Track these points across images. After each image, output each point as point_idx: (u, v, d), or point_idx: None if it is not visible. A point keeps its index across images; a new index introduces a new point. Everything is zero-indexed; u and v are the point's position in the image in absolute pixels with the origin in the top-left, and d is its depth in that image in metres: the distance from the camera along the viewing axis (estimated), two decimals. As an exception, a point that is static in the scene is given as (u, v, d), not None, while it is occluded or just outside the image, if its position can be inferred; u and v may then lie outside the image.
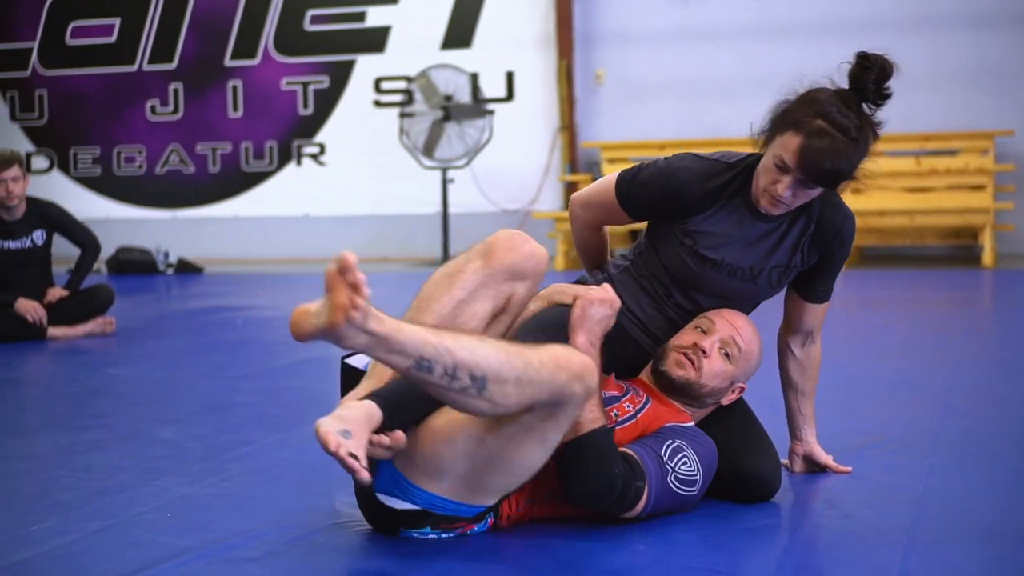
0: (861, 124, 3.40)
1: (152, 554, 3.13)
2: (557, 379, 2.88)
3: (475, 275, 3.30)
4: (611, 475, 3.16)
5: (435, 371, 2.78)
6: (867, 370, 5.94)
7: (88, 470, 4.09)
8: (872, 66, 3.43)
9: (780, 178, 3.42)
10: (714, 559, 3.08)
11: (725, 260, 3.59)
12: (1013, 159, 12.59)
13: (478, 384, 2.81)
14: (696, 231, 3.60)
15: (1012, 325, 7.99)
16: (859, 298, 9.67)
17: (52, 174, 15.40)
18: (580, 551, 3.13)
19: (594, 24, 13.84)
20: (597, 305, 3.35)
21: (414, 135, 13.26)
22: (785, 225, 3.60)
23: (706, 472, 3.37)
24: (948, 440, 4.34)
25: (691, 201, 3.58)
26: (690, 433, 3.43)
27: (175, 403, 5.42)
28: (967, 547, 3.12)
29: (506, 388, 2.83)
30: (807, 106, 3.40)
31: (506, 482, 3.12)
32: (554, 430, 3.00)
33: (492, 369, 2.81)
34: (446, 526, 3.18)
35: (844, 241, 3.66)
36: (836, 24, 12.82)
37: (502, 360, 2.83)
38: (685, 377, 3.50)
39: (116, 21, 15.22)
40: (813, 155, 3.34)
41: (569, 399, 2.93)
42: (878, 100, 3.47)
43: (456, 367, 2.78)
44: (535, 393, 2.87)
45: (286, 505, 3.58)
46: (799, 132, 3.36)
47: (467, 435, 3.04)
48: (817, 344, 3.84)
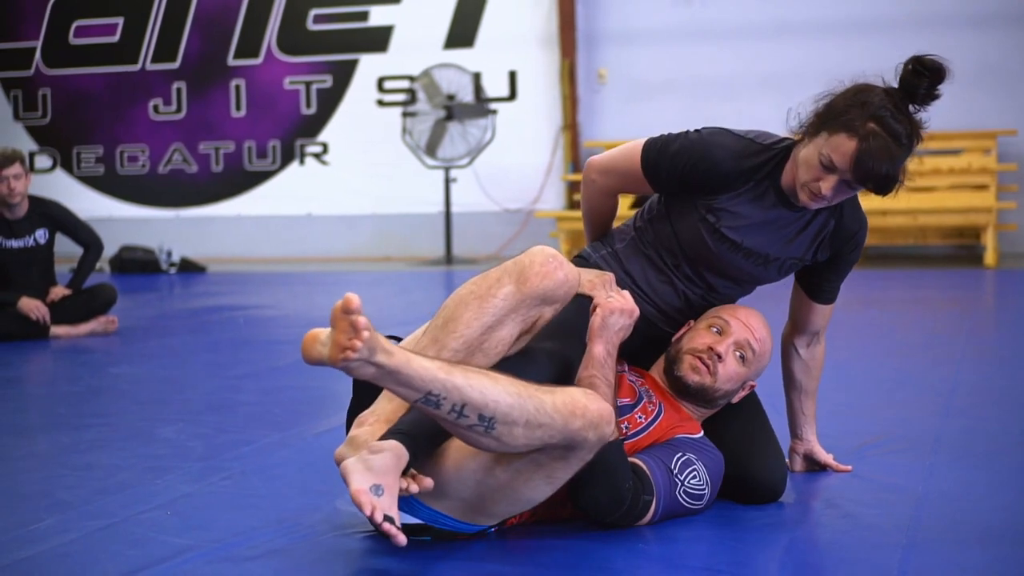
0: (911, 131, 3.35)
1: (152, 553, 3.14)
2: (570, 425, 2.87)
3: (506, 300, 3.25)
4: (620, 490, 3.16)
5: (443, 407, 2.79)
6: (869, 369, 5.95)
7: (89, 469, 4.09)
8: (926, 72, 3.38)
9: (824, 176, 3.37)
10: (714, 558, 3.09)
11: (744, 243, 3.56)
12: (1016, 159, 12.60)
13: (486, 423, 2.81)
14: (721, 209, 3.55)
15: (1014, 325, 7.98)
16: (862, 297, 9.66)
17: (55, 173, 15.42)
18: (580, 551, 3.13)
19: (597, 23, 13.85)
20: (617, 315, 3.35)
21: (417, 134, 13.27)
22: (807, 218, 3.58)
23: (714, 485, 3.38)
24: (949, 440, 4.34)
25: (723, 179, 3.52)
26: (700, 445, 3.42)
27: (177, 402, 5.42)
28: (967, 547, 3.11)
29: (515, 430, 2.83)
30: (859, 107, 3.34)
31: (509, 510, 3.12)
32: (563, 470, 2.98)
33: (502, 412, 2.81)
34: (447, 538, 3.17)
35: (857, 244, 3.66)
36: (839, 23, 12.82)
37: (512, 404, 2.82)
38: (700, 383, 3.49)
39: (119, 20, 15.23)
40: (869, 161, 3.29)
41: (581, 444, 2.91)
42: (926, 103, 3.42)
43: (464, 405, 2.79)
44: (545, 436, 2.86)
45: (287, 504, 3.58)
46: (853, 135, 3.31)
47: (477, 464, 3.03)
48: (822, 344, 3.85)
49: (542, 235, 13.76)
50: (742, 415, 3.63)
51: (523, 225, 13.92)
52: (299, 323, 3.61)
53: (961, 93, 12.62)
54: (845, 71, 10.25)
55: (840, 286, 3.78)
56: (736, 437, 3.56)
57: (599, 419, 2.90)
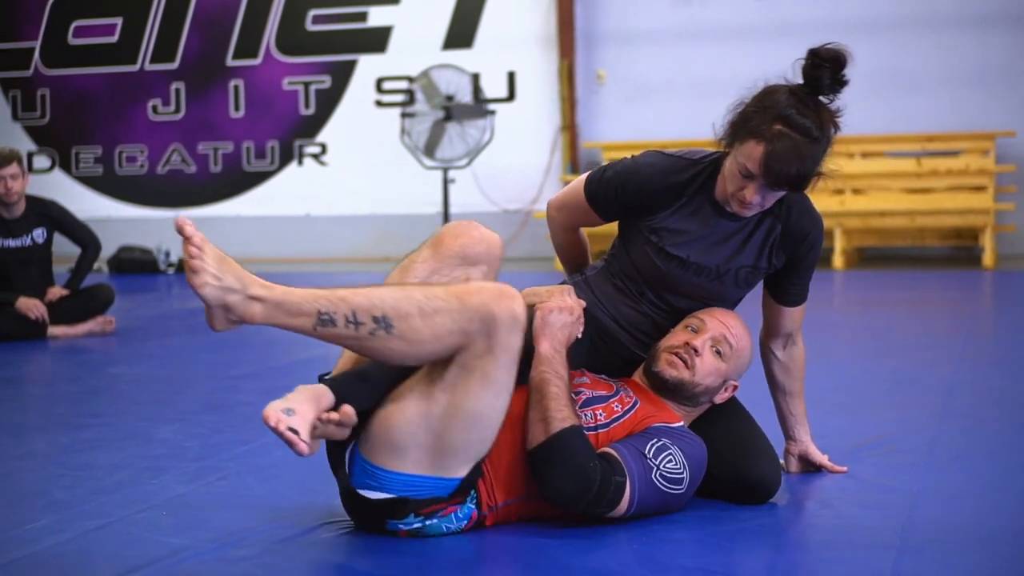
0: (821, 121, 3.39)
1: (148, 552, 3.15)
2: (468, 303, 2.97)
3: (425, 263, 3.34)
4: (585, 470, 3.16)
5: (338, 322, 2.95)
6: (866, 370, 5.95)
7: (86, 469, 4.10)
8: (825, 62, 3.41)
9: (746, 184, 3.43)
10: (707, 559, 3.09)
11: (691, 258, 3.59)
12: (1014, 160, 12.59)
13: (383, 324, 2.95)
14: (661, 228, 3.61)
15: (1012, 326, 7.99)
16: (859, 299, 9.68)
17: (54, 173, 15.42)
18: (573, 551, 3.14)
19: (596, 24, 13.85)
20: (556, 312, 3.43)
21: (415, 135, 13.27)
22: (751, 225, 3.60)
23: (694, 470, 3.36)
24: (945, 441, 4.35)
25: (654, 197, 3.60)
26: (677, 432, 3.42)
27: (174, 402, 5.43)
28: (961, 548, 3.12)
29: (412, 322, 2.96)
30: (765, 111, 3.39)
31: (466, 436, 3.12)
32: (495, 367, 3.03)
33: (390, 306, 2.96)
34: (427, 511, 3.18)
35: (812, 245, 3.66)
36: (838, 23, 12.82)
37: (398, 297, 2.98)
38: (678, 377, 3.50)
39: (118, 21, 15.23)
40: (778, 162, 3.34)
41: (495, 325, 2.99)
42: (836, 90, 3.45)
43: (355, 312, 2.95)
44: (449, 323, 2.97)
45: (282, 504, 3.59)
46: (760, 140, 3.36)
47: (416, 397, 3.10)
48: (799, 345, 3.84)
49: (540, 236, 13.75)
50: (729, 416, 3.64)
51: (522, 226, 13.93)
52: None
53: (959, 94, 12.75)
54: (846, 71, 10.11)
55: (805, 288, 3.77)
56: (725, 437, 3.57)
57: (499, 291, 3.01)
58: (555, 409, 3.23)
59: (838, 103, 3.47)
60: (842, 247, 12.16)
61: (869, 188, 12.64)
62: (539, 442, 3.21)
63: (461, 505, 3.22)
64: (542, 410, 3.25)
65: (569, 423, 3.21)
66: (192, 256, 2.95)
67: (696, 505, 3.50)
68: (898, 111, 12.89)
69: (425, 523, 3.20)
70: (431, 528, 3.21)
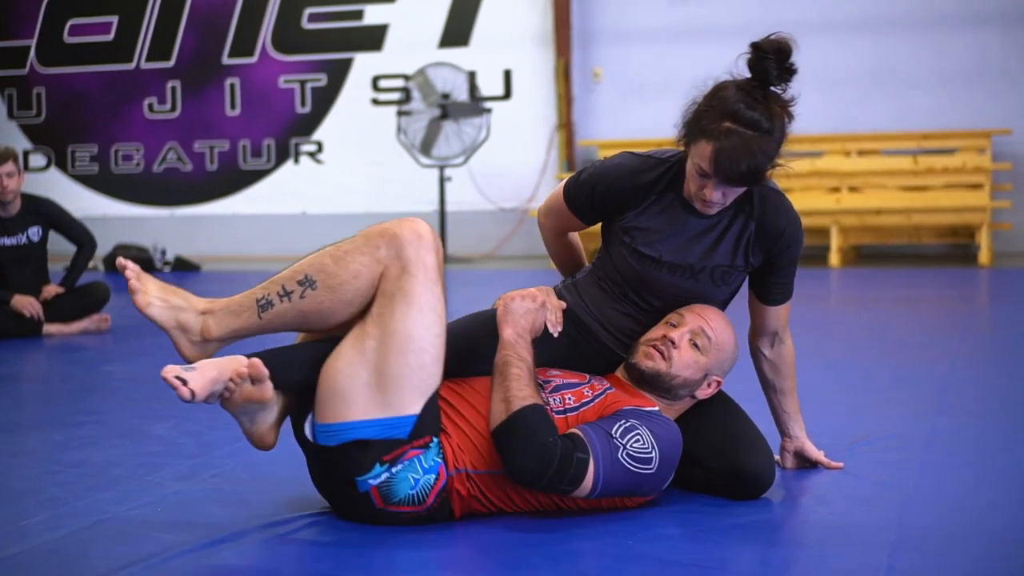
0: (770, 112, 3.38)
1: (141, 549, 3.14)
2: (371, 233, 3.26)
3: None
4: (544, 445, 3.18)
5: (274, 301, 3.27)
6: (863, 368, 5.96)
7: (81, 466, 4.10)
8: (768, 53, 3.40)
9: (704, 183, 3.43)
10: (701, 554, 3.08)
11: (663, 257, 3.59)
12: (1010, 158, 12.61)
13: (307, 283, 3.24)
14: (632, 227, 3.62)
15: (1008, 324, 8.00)
16: (856, 297, 9.68)
17: (50, 172, 15.42)
18: (565, 545, 3.14)
19: (592, 22, 13.86)
20: (519, 300, 3.51)
21: (411, 133, 13.27)
22: (724, 224, 3.60)
23: (665, 451, 3.34)
24: (941, 438, 4.35)
25: (623, 197, 3.62)
26: (648, 415, 3.42)
27: (169, 400, 5.33)
28: (955, 545, 3.12)
29: (328, 270, 3.24)
30: (713, 109, 3.39)
31: (404, 361, 3.20)
32: (412, 284, 3.21)
33: (307, 265, 3.26)
34: (391, 456, 3.21)
35: (789, 243, 3.63)
36: (834, 22, 12.84)
37: (312, 258, 3.28)
38: (654, 368, 3.50)
39: (114, 19, 15.24)
40: (727, 159, 3.33)
41: (400, 243, 3.23)
42: (785, 79, 3.44)
43: (283, 285, 3.27)
44: (360, 257, 3.24)
45: (277, 501, 3.59)
46: (709, 139, 3.36)
47: (349, 340, 3.26)
48: (787, 343, 3.83)
49: (536, 234, 13.72)
50: (722, 411, 3.64)
51: (518, 224, 13.93)
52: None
53: (956, 92, 12.75)
54: (842, 70, 10.41)
55: (789, 286, 3.75)
56: (719, 432, 3.57)
57: (397, 221, 3.27)
58: (516, 388, 3.28)
59: (791, 92, 3.46)
60: (838, 245, 12.17)
61: (865, 186, 12.65)
62: (500, 420, 3.25)
63: (425, 451, 3.24)
64: (503, 390, 3.29)
65: (529, 401, 3.25)
66: (129, 278, 3.35)
67: (690, 500, 3.50)
68: (894, 109, 12.90)
69: (392, 471, 3.21)
70: (399, 480, 3.22)
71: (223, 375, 3.20)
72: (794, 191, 12.22)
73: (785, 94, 3.45)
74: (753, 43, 3.44)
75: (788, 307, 3.80)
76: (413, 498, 3.25)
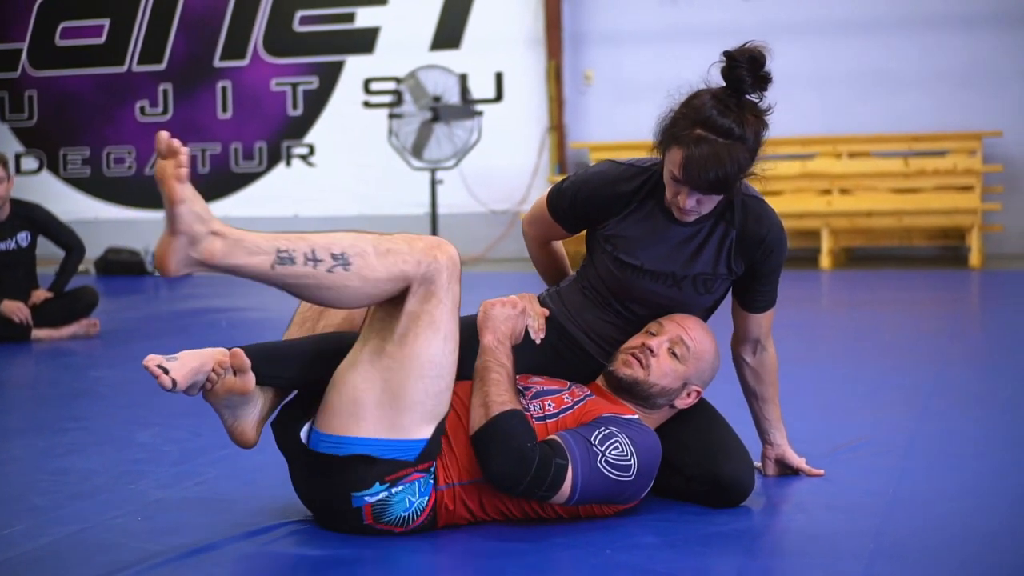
0: (743, 120, 3.39)
1: (122, 558, 3.15)
2: (416, 245, 3.14)
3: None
4: (521, 450, 3.20)
5: (296, 259, 3.04)
6: (850, 372, 5.96)
7: (64, 473, 4.10)
8: (741, 62, 3.42)
9: (679, 190, 3.45)
10: (680, 563, 3.09)
11: (645, 265, 3.61)
12: (1001, 160, 12.62)
13: (341, 261, 3.06)
14: (613, 235, 3.64)
15: (998, 327, 8.01)
16: (846, 299, 9.69)
17: (41, 175, 15.41)
18: (544, 555, 3.15)
19: (583, 24, 13.86)
20: (499, 307, 3.53)
21: (403, 136, 13.27)
22: (705, 231, 3.61)
23: (643, 458, 3.35)
24: (923, 443, 4.35)
25: (603, 204, 3.64)
26: (627, 422, 3.43)
27: (155, 406, 5.41)
28: (933, 552, 3.13)
29: (368, 260, 3.09)
30: (686, 117, 3.41)
31: (422, 387, 3.17)
32: (440, 312, 3.16)
33: (348, 244, 3.09)
34: (393, 477, 3.20)
35: (771, 250, 3.64)
36: (825, 24, 12.85)
37: (354, 237, 3.12)
38: (632, 376, 3.51)
39: (105, 22, 15.23)
40: (696, 167, 3.35)
41: (438, 271, 3.15)
42: (760, 88, 3.45)
43: (315, 250, 3.06)
44: (400, 262, 3.11)
45: (259, 510, 3.58)
46: (681, 146, 3.38)
47: (367, 355, 3.20)
48: (769, 351, 3.83)
49: (528, 236, 13.76)
50: (702, 419, 3.64)
51: (509, 226, 13.93)
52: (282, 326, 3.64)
53: (947, 94, 12.77)
54: (832, 72, 10.42)
55: (771, 294, 3.75)
56: (699, 439, 3.58)
57: (438, 241, 3.18)
58: (495, 394, 3.29)
59: (768, 101, 3.48)
60: (829, 247, 12.17)
61: (856, 188, 12.65)
62: (479, 426, 3.26)
63: (425, 475, 3.24)
64: (483, 396, 3.31)
65: (508, 407, 3.27)
66: (181, 165, 2.98)
67: (669, 509, 3.51)
68: (885, 111, 12.91)
69: (391, 491, 3.21)
70: (396, 501, 3.21)
71: (205, 365, 3.19)
72: (785, 193, 12.23)
73: (762, 103, 3.46)
74: (725, 52, 3.45)
75: (771, 315, 3.80)
76: (404, 519, 3.25)
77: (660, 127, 3.50)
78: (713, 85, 3.47)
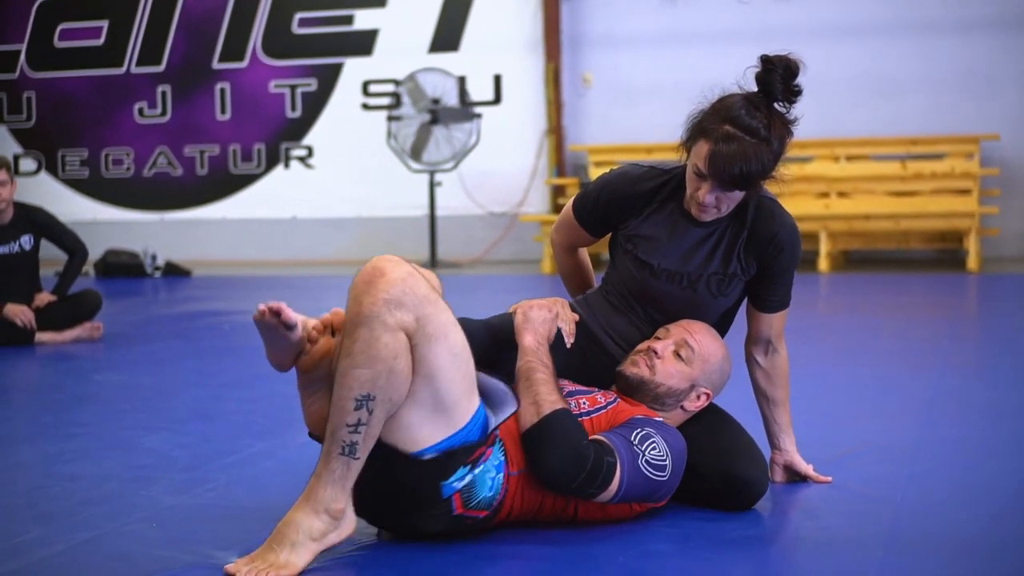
0: (770, 123, 3.48)
1: (138, 565, 3.16)
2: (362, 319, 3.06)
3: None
4: (578, 447, 3.24)
5: (357, 441, 3.07)
6: (851, 377, 5.98)
7: (74, 480, 4.11)
8: (776, 67, 3.51)
9: (700, 185, 3.53)
10: (691, 570, 3.11)
11: (661, 265, 3.69)
12: (998, 163, 12.65)
13: (367, 403, 3.05)
14: (634, 235, 3.73)
15: (996, 330, 8.03)
16: (844, 303, 9.71)
17: (40, 176, 15.41)
18: (557, 563, 3.16)
19: (582, 27, 13.88)
20: (536, 309, 3.61)
21: (402, 138, 13.29)
22: (719, 232, 3.68)
23: (676, 460, 3.41)
24: (929, 449, 4.37)
25: (625, 204, 3.73)
26: (658, 424, 3.49)
27: (161, 410, 5.44)
28: (943, 558, 3.15)
29: (364, 376, 3.04)
30: (715, 113, 3.50)
31: (456, 379, 3.16)
32: (428, 322, 3.09)
33: (345, 391, 3.06)
34: (471, 459, 3.20)
35: (782, 248, 3.70)
36: (823, 28, 12.87)
37: (340, 382, 3.08)
38: (639, 375, 3.59)
39: (104, 23, 15.23)
40: (722, 160, 3.44)
41: (403, 318, 3.05)
42: (789, 98, 3.55)
43: (345, 424, 3.07)
44: (378, 343, 3.03)
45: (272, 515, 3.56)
46: (708, 139, 3.47)
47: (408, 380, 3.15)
48: (781, 353, 3.87)
49: (526, 239, 13.79)
50: (718, 422, 3.69)
51: (508, 229, 13.95)
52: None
53: (944, 98, 12.79)
54: (830, 75, 10.46)
55: (784, 294, 3.81)
56: (715, 440, 3.62)
57: (367, 287, 3.08)
58: (545, 393, 3.34)
59: (795, 113, 3.57)
60: (827, 250, 12.21)
61: (854, 191, 12.68)
62: (532, 423, 3.28)
63: (493, 448, 3.26)
64: (532, 394, 3.35)
65: (559, 405, 3.32)
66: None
67: (680, 514, 3.53)
68: (883, 114, 12.93)
69: (474, 472, 3.20)
70: (480, 480, 3.22)
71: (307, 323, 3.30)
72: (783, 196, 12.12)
73: (789, 114, 3.54)
74: (763, 56, 3.54)
75: (783, 316, 3.84)
76: (489, 501, 3.25)
77: (689, 122, 3.57)
78: (746, 90, 3.54)
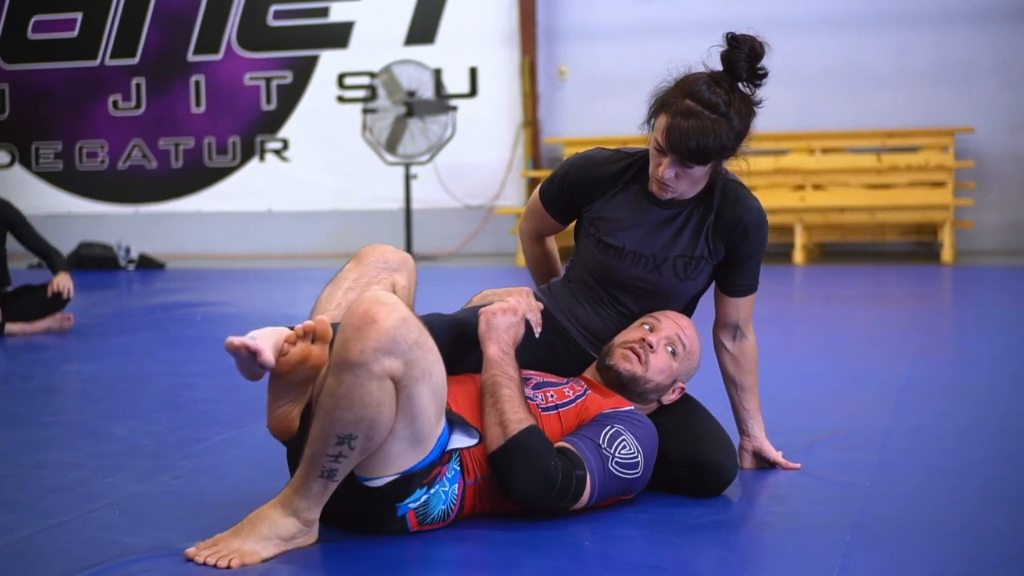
0: (731, 100, 3.49)
1: (100, 552, 3.14)
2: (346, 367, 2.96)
3: (353, 272, 3.57)
4: (546, 468, 3.20)
5: (337, 468, 3.04)
6: (824, 366, 5.99)
7: (41, 467, 4.09)
8: (741, 46, 3.52)
9: (661, 160, 3.55)
10: (659, 556, 3.10)
11: (626, 247, 3.69)
12: (974, 156, 12.68)
13: (349, 440, 2.99)
14: (597, 217, 3.74)
15: (970, 321, 8.05)
16: (819, 294, 9.73)
17: (13, 169, 15.34)
18: (523, 548, 3.15)
19: (558, 20, 13.87)
20: (500, 315, 3.49)
21: (377, 131, 13.26)
22: (685, 214, 3.69)
23: (647, 454, 3.41)
24: (899, 436, 4.38)
25: (589, 186, 3.75)
26: (628, 416, 3.46)
27: (131, 400, 5.41)
28: (910, 543, 3.15)
29: (347, 419, 2.98)
30: (677, 88, 3.53)
31: (431, 415, 3.09)
32: (413, 366, 3.00)
33: (336, 426, 2.99)
34: (429, 479, 3.17)
35: (748, 232, 3.69)
36: (799, 20, 12.88)
37: (323, 416, 3.01)
38: (632, 371, 3.56)
39: (78, 15, 15.16)
40: (679, 133, 3.46)
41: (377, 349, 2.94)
42: (753, 80, 3.56)
43: (326, 452, 3.02)
44: (361, 390, 2.96)
45: (236, 503, 3.56)
46: (668, 113, 3.49)
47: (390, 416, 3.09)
48: (749, 339, 3.87)
49: (503, 231, 13.77)
50: (687, 409, 3.69)
51: (484, 221, 13.94)
52: (256, 321, 3.66)
53: (919, 90, 12.81)
54: (806, 67, 10.45)
55: (751, 278, 3.80)
56: (683, 427, 3.62)
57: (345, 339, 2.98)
58: (510, 411, 3.27)
59: (760, 95, 3.57)
60: (802, 243, 12.22)
61: (829, 184, 12.70)
62: (498, 445, 3.24)
63: (449, 463, 3.22)
64: (497, 413, 3.28)
65: (526, 424, 3.25)
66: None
67: (648, 500, 3.52)
68: (858, 107, 12.95)
69: (429, 492, 3.18)
70: (435, 497, 3.19)
71: (280, 336, 3.18)
72: (758, 189, 12.25)
73: (754, 96, 3.56)
74: (728, 33, 3.56)
75: (751, 301, 3.84)
76: (444, 513, 3.23)
77: (652, 97, 3.59)
78: (712, 69, 3.56)
